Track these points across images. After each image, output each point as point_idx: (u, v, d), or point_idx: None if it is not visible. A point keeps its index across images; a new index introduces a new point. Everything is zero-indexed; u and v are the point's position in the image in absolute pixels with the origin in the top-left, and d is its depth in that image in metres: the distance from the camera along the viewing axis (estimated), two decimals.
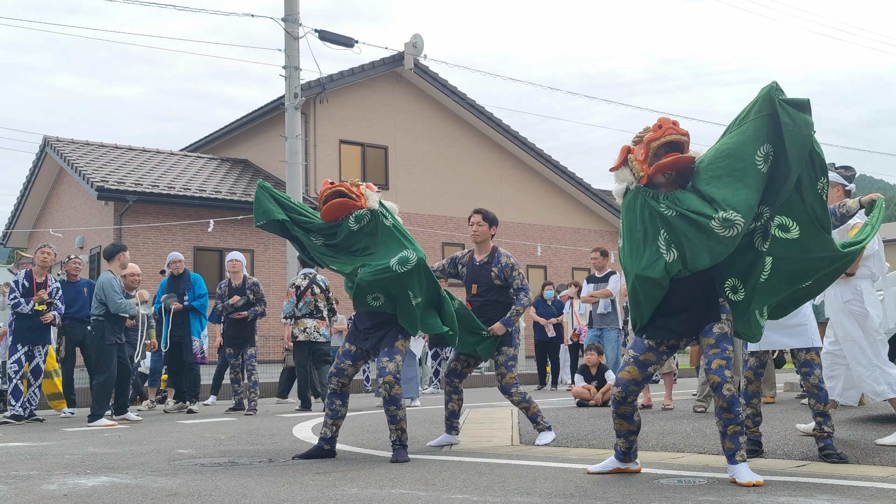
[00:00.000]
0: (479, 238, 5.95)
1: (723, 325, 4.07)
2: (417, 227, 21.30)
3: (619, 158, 4.18)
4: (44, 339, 9.01)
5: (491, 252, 5.93)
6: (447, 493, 3.81)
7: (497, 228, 6.05)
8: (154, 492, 4.01)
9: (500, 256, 5.89)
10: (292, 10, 14.67)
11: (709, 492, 3.70)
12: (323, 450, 5.33)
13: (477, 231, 5.94)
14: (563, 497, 3.67)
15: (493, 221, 5.99)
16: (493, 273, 5.83)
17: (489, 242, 5.97)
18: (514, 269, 5.84)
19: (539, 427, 5.92)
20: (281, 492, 3.95)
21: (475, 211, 6.05)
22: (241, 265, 9.91)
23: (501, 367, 5.84)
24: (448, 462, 4.97)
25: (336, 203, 5.30)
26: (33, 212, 23.03)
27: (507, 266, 5.83)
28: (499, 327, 5.75)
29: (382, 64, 21.41)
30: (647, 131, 4.11)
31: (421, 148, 22.28)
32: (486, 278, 5.86)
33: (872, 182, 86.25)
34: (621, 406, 4.20)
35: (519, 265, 5.93)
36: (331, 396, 5.41)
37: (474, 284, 5.92)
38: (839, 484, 3.82)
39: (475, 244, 6.00)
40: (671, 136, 4.01)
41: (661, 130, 4.02)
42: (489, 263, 5.87)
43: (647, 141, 4.05)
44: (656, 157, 4.04)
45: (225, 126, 23.02)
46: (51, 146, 19.95)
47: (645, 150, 4.06)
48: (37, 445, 6.32)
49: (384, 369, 5.21)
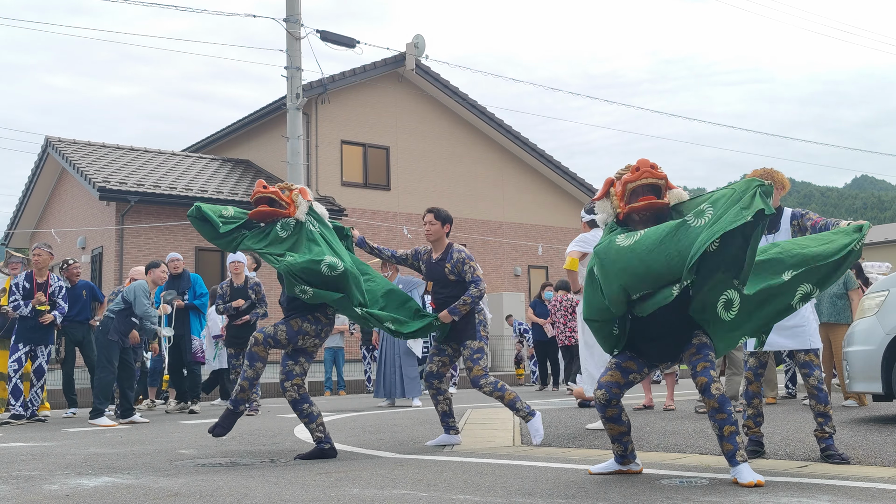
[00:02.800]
0: (432, 237, 6.07)
1: (701, 337, 4.13)
2: (419, 227, 21.30)
3: (602, 190, 4.33)
4: (46, 339, 9.01)
5: (446, 249, 6.06)
6: (449, 494, 3.81)
7: (451, 226, 6.17)
8: (156, 492, 4.02)
9: (453, 252, 6.02)
10: (294, 11, 14.68)
11: (710, 492, 3.70)
12: (324, 450, 5.37)
13: (430, 230, 6.06)
14: (564, 498, 3.67)
15: (445, 220, 6.11)
16: (446, 269, 5.96)
17: (444, 240, 6.10)
18: (465, 262, 5.95)
19: (520, 413, 5.89)
20: (283, 492, 3.95)
21: (428, 210, 6.17)
22: (243, 266, 9.91)
23: (468, 361, 5.93)
24: (449, 462, 4.97)
25: (263, 210, 5.39)
26: (35, 212, 23.05)
27: (458, 261, 5.95)
28: (444, 315, 5.84)
29: (384, 64, 21.42)
30: (628, 170, 4.23)
31: (422, 148, 22.28)
32: (440, 275, 5.99)
33: (874, 182, 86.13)
34: (608, 409, 4.22)
35: (472, 259, 6.03)
36: (294, 405, 5.45)
37: (431, 281, 6.07)
38: (841, 485, 3.82)
39: (430, 243, 6.12)
40: (647, 180, 4.13)
41: (638, 173, 4.14)
42: (443, 260, 6.01)
43: (624, 182, 4.19)
44: (633, 196, 4.16)
45: (226, 126, 23.04)
46: (52, 147, 19.97)
47: (622, 189, 4.20)
48: (38, 446, 6.32)
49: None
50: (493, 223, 23.16)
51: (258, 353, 5.38)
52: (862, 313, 6.31)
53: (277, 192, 5.43)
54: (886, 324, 6.00)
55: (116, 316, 8.64)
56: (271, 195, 5.41)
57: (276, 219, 5.43)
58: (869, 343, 6.06)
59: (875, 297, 6.28)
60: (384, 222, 20.94)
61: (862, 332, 6.20)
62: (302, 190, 5.54)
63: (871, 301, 6.28)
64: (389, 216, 21.12)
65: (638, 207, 4.12)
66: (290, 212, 5.43)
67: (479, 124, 23.30)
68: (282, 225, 5.40)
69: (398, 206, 21.34)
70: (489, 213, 23.30)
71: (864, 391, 6.31)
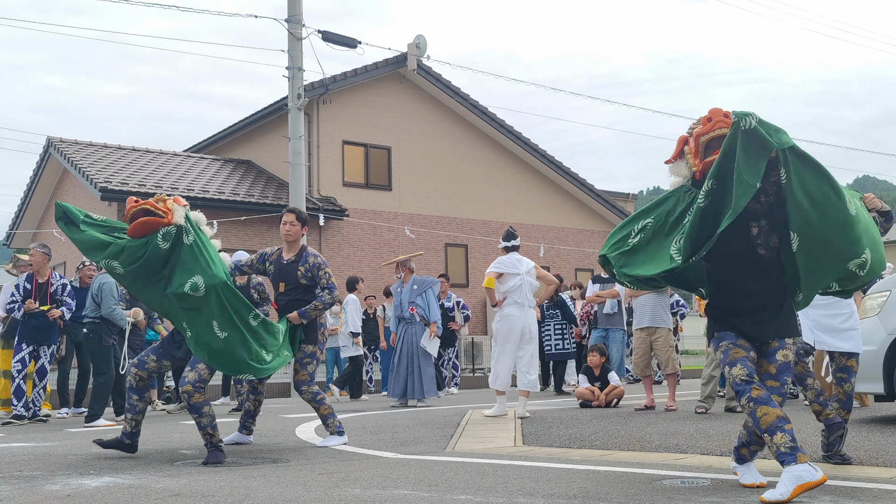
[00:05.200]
0: (291, 238, 6.11)
1: (787, 352, 3.78)
2: (420, 227, 21.31)
3: (676, 150, 3.87)
4: (49, 339, 9.01)
5: (300, 251, 6.10)
6: (450, 494, 3.81)
7: (308, 228, 6.21)
8: (157, 492, 4.02)
9: (308, 256, 6.06)
10: (295, 11, 14.67)
11: (712, 493, 3.70)
12: (124, 443, 5.50)
13: (290, 231, 6.10)
14: (566, 498, 3.67)
15: (305, 221, 6.21)
16: (300, 272, 6.00)
17: (299, 242, 6.16)
18: (321, 268, 6.02)
19: (330, 429, 6.00)
20: (284, 492, 3.95)
21: (288, 210, 6.22)
22: None
23: (297, 364, 6.01)
24: (451, 463, 4.97)
25: (142, 222, 5.29)
26: (37, 213, 23.06)
27: (315, 265, 6.01)
28: (294, 316, 5.90)
29: (385, 65, 21.42)
30: (700, 123, 3.79)
31: (424, 149, 22.28)
32: (292, 277, 6.02)
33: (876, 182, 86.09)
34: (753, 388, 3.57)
35: (327, 265, 6.11)
36: (129, 390, 5.52)
37: (281, 283, 6.08)
38: (843, 485, 3.81)
39: (286, 243, 6.16)
40: (721, 130, 3.62)
41: (711, 124, 3.66)
42: (296, 262, 6.04)
43: (696, 135, 3.75)
44: (707, 150, 3.71)
45: (228, 127, 23.05)
46: (54, 147, 19.98)
47: (695, 144, 3.76)
48: (40, 446, 6.32)
49: (183, 379, 5.36)
50: (495, 223, 23.14)
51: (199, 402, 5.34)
52: (864, 314, 6.30)
53: (152, 203, 5.35)
54: (888, 324, 6.00)
55: (101, 321, 8.63)
56: (146, 206, 5.32)
57: (157, 229, 5.30)
58: (871, 343, 6.06)
59: (877, 297, 6.28)
60: (386, 223, 20.94)
61: (864, 332, 6.19)
62: (176, 199, 5.46)
63: (873, 301, 6.28)
64: (391, 216, 21.11)
65: (710, 162, 3.63)
66: (169, 219, 5.32)
67: (481, 125, 23.29)
68: (163, 235, 5.28)
69: (399, 206, 21.33)
70: (490, 214, 23.29)
71: (866, 392, 6.31)
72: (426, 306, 10.37)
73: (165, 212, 5.33)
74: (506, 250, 8.19)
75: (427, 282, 10.56)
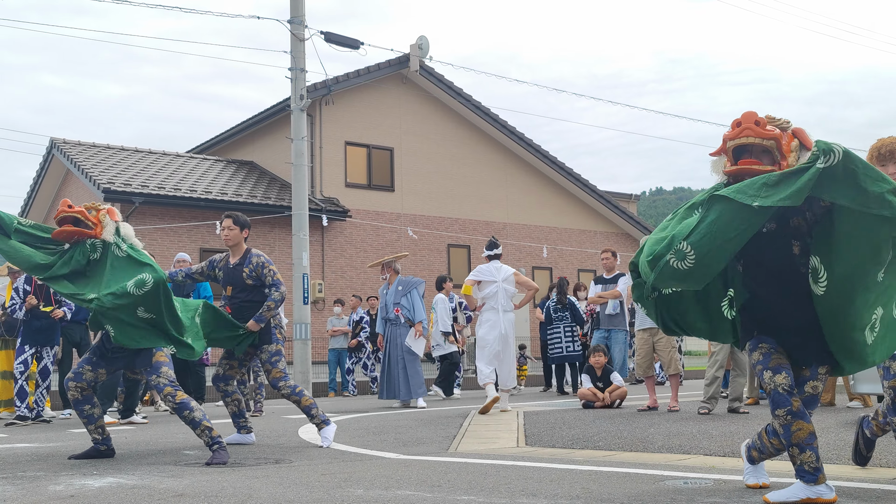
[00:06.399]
0: (230, 242, 6.20)
1: (817, 384, 3.53)
2: (423, 228, 21.32)
3: (721, 145, 3.54)
4: (51, 340, 9.01)
5: (244, 254, 6.17)
6: (453, 495, 3.81)
7: (249, 231, 6.29)
8: (160, 492, 4.02)
9: (252, 257, 6.14)
10: (298, 12, 14.69)
11: (714, 493, 3.70)
12: (100, 450, 5.49)
13: (228, 235, 6.19)
14: (568, 499, 3.67)
15: (244, 225, 6.24)
16: (244, 273, 6.07)
17: (242, 245, 6.23)
18: (264, 266, 6.08)
19: (315, 420, 6.02)
20: (287, 493, 3.95)
21: (226, 216, 6.29)
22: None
23: (266, 365, 6.07)
24: (453, 463, 4.98)
25: (67, 230, 5.20)
26: (40, 213, 23.10)
27: (257, 265, 6.08)
28: (252, 324, 5.95)
29: (388, 66, 21.44)
30: None
31: (426, 150, 22.29)
32: (238, 279, 6.10)
33: None
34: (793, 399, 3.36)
35: (271, 263, 6.16)
36: (76, 405, 5.44)
37: (229, 286, 6.16)
38: (845, 486, 3.81)
39: (228, 248, 6.23)
40: (747, 140, 3.33)
41: (738, 130, 3.36)
42: (241, 265, 6.12)
43: (724, 139, 3.47)
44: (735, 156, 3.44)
45: (231, 128, 23.10)
46: (57, 148, 20.02)
47: (722, 147, 3.50)
48: (43, 446, 6.34)
49: (158, 386, 5.26)
50: (498, 224, 23.16)
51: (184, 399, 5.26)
52: None
53: (83, 212, 5.22)
54: None
55: None
56: (76, 215, 5.20)
57: (82, 240, 5.21)
58: None
59: None
60: (388, 224, 20.95)
61: None
62: (110, 210, 5.34)
63: None
64: (393, 217, 21.13)
65: (731, 171, 3.37)
66: (97, 232, 5.22)
67: (484, 125, 23.31)
68: (90, 246, 5.19)
69: (402, 207, 21.34)
70: (493, 215, 23.30)
71: (868, 392, 6.30)
72: (411, 307, 10.39)
73: (95, 223, 5.22)
74: (488, 258, 8.84)
75: (412, 282, 10.59)
